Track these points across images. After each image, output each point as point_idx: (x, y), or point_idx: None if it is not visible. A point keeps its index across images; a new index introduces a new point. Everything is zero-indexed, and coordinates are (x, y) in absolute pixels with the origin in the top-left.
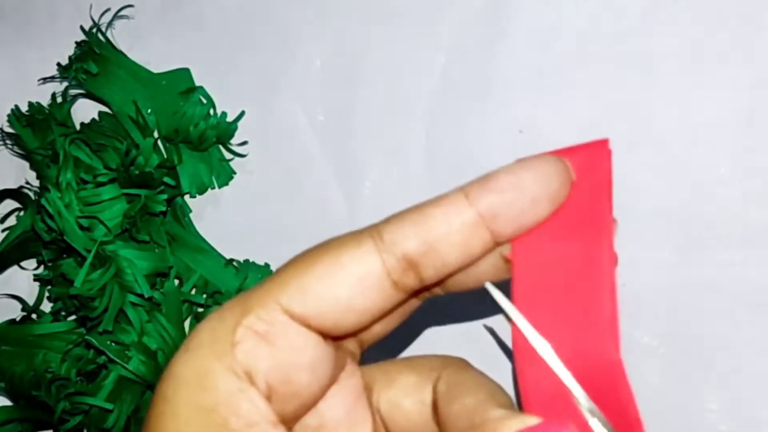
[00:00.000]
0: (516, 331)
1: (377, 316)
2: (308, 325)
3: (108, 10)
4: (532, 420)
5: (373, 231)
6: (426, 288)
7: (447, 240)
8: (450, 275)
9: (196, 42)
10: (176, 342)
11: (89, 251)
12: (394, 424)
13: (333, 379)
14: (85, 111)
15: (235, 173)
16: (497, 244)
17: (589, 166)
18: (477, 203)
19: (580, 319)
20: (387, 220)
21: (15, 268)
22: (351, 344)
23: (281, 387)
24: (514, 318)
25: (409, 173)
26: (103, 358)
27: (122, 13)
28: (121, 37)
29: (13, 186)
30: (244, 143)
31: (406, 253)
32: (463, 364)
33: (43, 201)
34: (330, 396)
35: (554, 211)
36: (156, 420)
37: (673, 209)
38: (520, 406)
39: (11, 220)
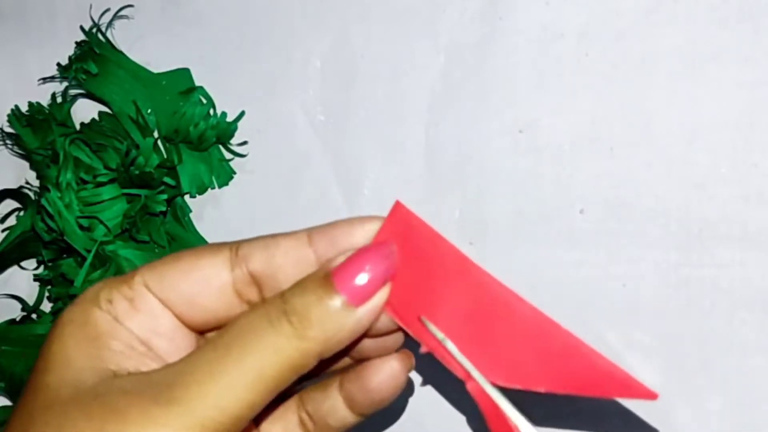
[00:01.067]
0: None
1: (221, 318)
2: (163, 302)
3: (108, 10)
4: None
5: (234, 245)
6: None
7: (284, 269)
8: None
9: (196, 42)
10: None
11: (89, 251)
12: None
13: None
14: (85, 111)
15: (235, 173)
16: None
17: (403, 226)
18: (315, 246)
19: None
20: (250, 239)
21: (15, 268)
22: None
23: (141, 346)
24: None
25: (409, 173)
26: None
27: (122, 13)
28: (121, 37)
29: (13, 186)
30: (244, 143)
31: (252, 270)
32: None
33: (43, 201)
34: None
35: (403, 263)
36: (47, 352)
37: (673, 209)
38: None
39: (11, 220)
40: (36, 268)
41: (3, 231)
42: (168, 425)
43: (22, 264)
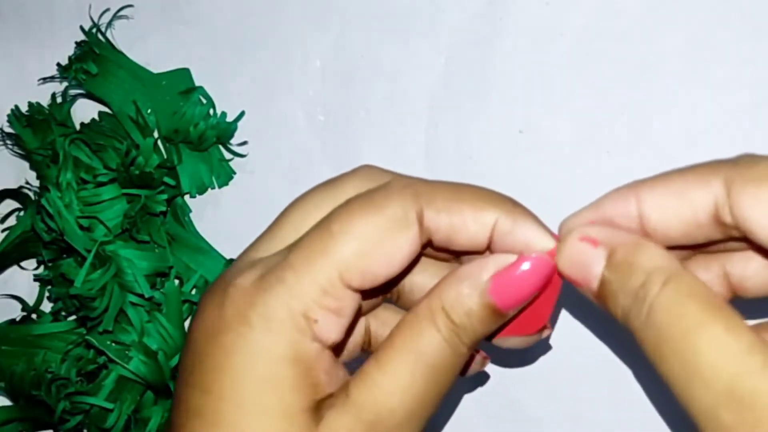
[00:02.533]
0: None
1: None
2: (360, 290)
3: (108, 10)
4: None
5: (418, 211)
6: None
7: (464, 244)
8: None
9: (196, 42)
10: (176, 342)
11: (89, 251)
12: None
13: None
14: (85, 111)
15: (235, 173)
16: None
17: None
18: (498, 228)
19: None
20: (429, 201)
21: (15, 268)
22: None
23: (338, 367)
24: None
25: (409, 173)
26: (103, 358)
27: (122, 13)
28: (121, 37)
29: (13, 186)
30: (244, 143)
31: (435, 240)
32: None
33: (43, 201)
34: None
35: None
36: (254, 395)
37: None
38: None
39: (11, 220)
40: (36, 268)
41: (3, 231)
42: None
43: (22, 264)
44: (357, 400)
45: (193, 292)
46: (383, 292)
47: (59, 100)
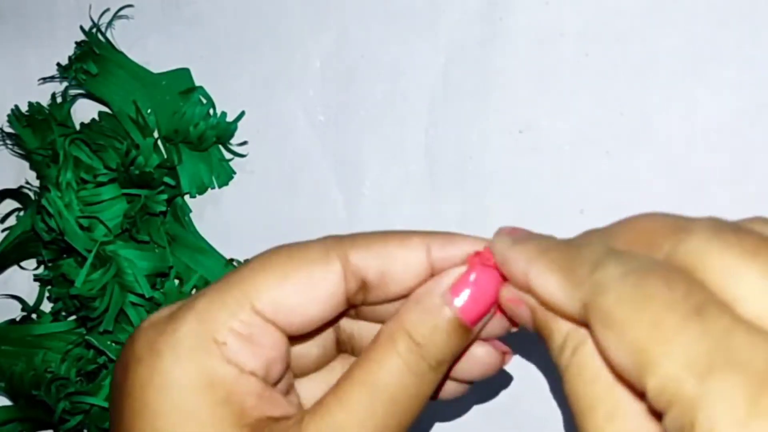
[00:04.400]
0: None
1: (319, 323)
2: (276, 326)
3: (108, 10)
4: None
5: (340, 252)
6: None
7: (398, 280)
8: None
9: (196, 42)
10: None
11: (89, 251)
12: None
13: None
14: (85, 111)
15: (235, 173)
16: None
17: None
18: (434, 257)
19: None
20: (353, 242)
21: (15, 268)
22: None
23: (265, 390)
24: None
25: (409, 173)
26: (103, 358)
27: (122, 13)
28: (121, 37)
29: (13, 186)
30: (244, 143)
31: (368, 280)
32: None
33: (43, 201)
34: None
35: None
36: (172, 427)
37: (672, 209)
38: None
39: (11, 220)
40: (36, 268)
41: (3, 231)
42: None
43: (22, 264)
44: (308, 430)
45: (193, 292)
46: (319, 332)
47: (59, 100)
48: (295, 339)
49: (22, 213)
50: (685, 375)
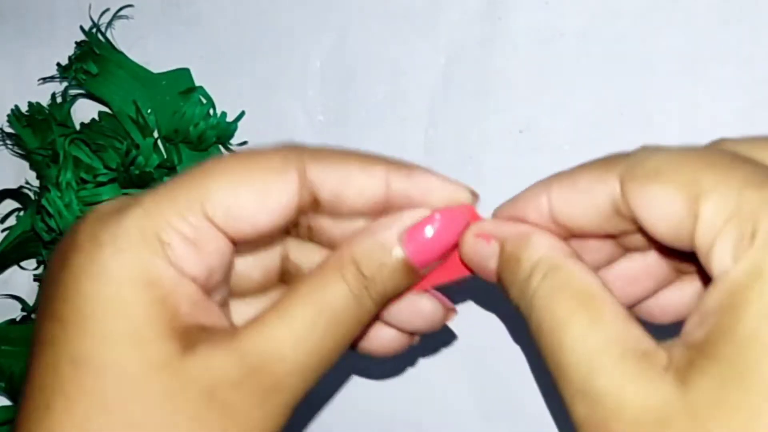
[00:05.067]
0: None
1: (266, 232)
2: (223, 233)
3: (108, 10)
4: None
5: (298, 163)
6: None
7: (352, 201)
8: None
9: (196, 42)
10: None
11: None
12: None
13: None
14: (85, 111)
15: None
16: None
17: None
18: (392, 190)
19: None
20: (313, 155)
21: (15, 268)
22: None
23: (203, 299)
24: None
25: None
26: None
27: (122, 13)
28: (121, 37)
29: (13, 186)
30: (244, 143)
31: (321, 197)
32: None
33: (43, 201)
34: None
35: None
36: (100, 318)
37: None
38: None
39: (11, 220)
40: (36, 268)
41: (3, 231)
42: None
43: (22, 264)
44: (243, 340)
45: None
46: (265, 244)
47: (59, 100)
48: (239, 248)
49: (22, 213)
50: (746, 189)
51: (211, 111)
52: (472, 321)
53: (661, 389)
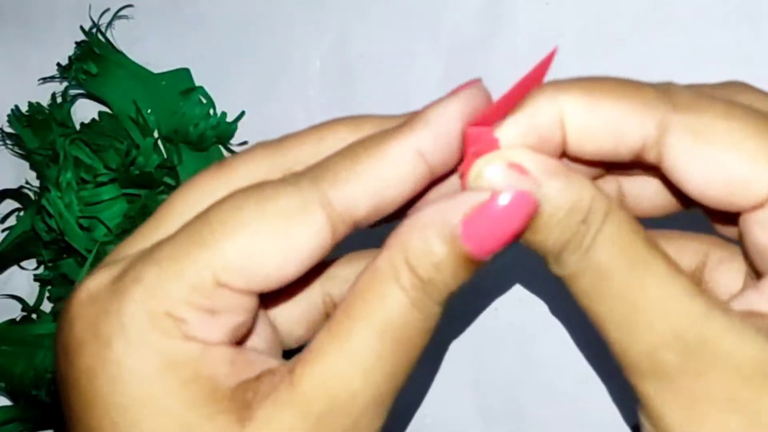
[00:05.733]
0: None
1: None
2: (244, 293)
3: (108, 10)
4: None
5: (320, 196)
6: None
7: (398, 199)
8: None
9: (196, 42)
10: None
11: (89, 251)
12: None
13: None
14: (85, 111)
15: None
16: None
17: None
18: (429, 159)
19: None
20: (333, 179)
21: (15, 268)
22: None
23: (238, 354)
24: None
25: None
26: None
27: (122, 13)
28: (121, 37)
29: (13, 186)
30: (244, 143)
31: (359, 219)
32: None
33: (43, 201)
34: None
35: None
36: (142, 426)
37: None
38: None
39: (11, 220)
40: (36, 268)
41: (3, 231)
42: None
43: (22, 264)
44: (305, 388)
45: None
46: (305, 281)
47: (59, 100)
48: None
49: (22, 213)
50: None
51: (211, 111)
52: (473, 321)
53: (760, 346)
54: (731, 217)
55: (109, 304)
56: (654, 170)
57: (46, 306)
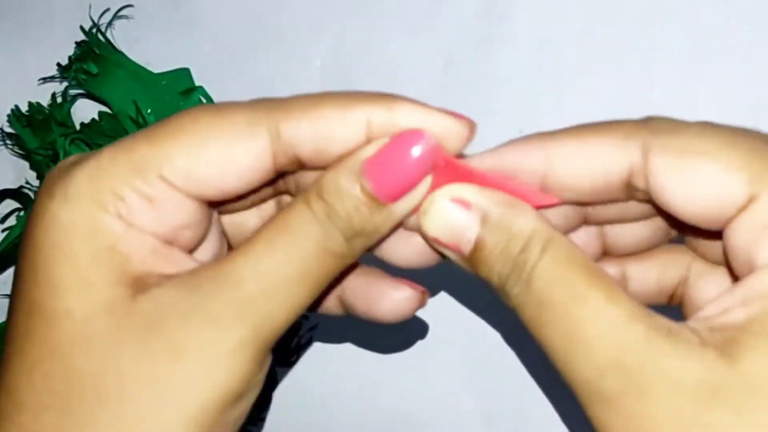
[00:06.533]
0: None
1: (244, 192)
2: (186, 194)
3: (108, 10)
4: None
5: (270, 122)
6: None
7: (340, 150)
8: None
9: (196, 42)
10: None
11: None
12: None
13: (206, 231)
14: (85, 111)
15: None
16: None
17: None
18: (373, 131)
19: None
20: (287, 111)
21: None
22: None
23: (164, 247)
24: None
25: None
26: None
27: (122, 13)
28: (121, 37)
29: (13, 186)
30: None
31: (302, 155)
32: None
33: None
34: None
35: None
36: (49, 269)
37: None
38: None
39: (11, 220)
40: None
41: (3, 231)
42: (219, 348)
43: None
44: (198, 276)
45: None
46: (251, 202)
47: (59, 100)
48: (225, 205)
49: (22, 213)
50: None
51: None
52: (473, 321)
53: (706, 363)
54: (713, 237)
55: (66, 171)
56: (645, 203)
57: None
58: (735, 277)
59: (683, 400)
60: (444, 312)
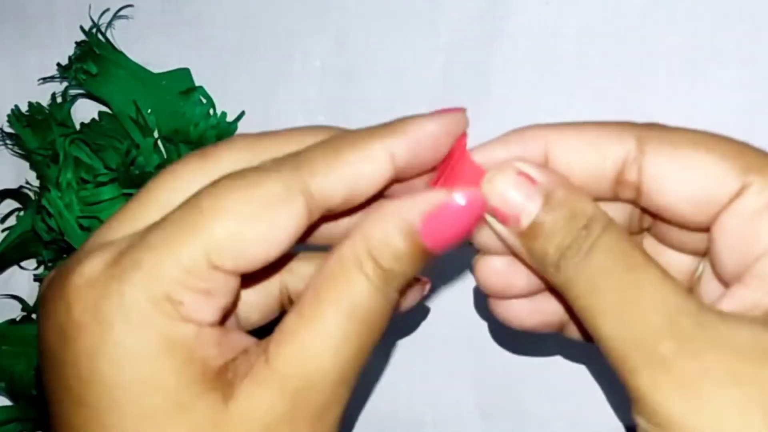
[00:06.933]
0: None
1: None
2: (235, 273)
3: (108, 10)
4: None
5: (301, 184)
6: None
7: (368, 191)
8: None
9: (196, 42)
10: None
11: None
12: None
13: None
14: (85, 111)
15: None
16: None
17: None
18: (398, 162)
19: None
20: (312, 169)
21: (15, 268)
22: None
23: (226, 335)
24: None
25: None
26: None
27: (122, 13)
28: (121, 37)
29: (13, 186)
30: None
31: (333, 206)
32: None
33: (43, 201)
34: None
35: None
36: (137, 401)
37: None
38: None
39: (11, 220)
40: (36, 268)
41: (3, 231)
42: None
43: (22, 264)
44: (280, 367)
45: None
46: (271, 270)
47: (59, 100)
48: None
49: (22, 213)
50: None
51: (211, 111)
52: (473, 320)
53: (756, 329)
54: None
55: (108, 288)
56: (629, 203)
57: None
58: (716, 268)
59: (739, 359)
60: (443, 311)
